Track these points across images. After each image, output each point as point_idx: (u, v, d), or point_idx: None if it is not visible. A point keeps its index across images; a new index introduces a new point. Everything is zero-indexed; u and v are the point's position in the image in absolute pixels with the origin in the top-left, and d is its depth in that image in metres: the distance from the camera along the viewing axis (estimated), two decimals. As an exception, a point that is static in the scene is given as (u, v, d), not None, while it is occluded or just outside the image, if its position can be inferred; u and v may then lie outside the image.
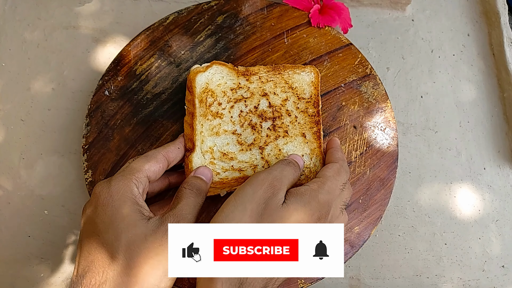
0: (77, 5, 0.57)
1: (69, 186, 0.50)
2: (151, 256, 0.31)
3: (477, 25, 0.59)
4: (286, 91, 0.46)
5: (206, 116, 0.45)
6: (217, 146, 0.44)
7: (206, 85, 0.45)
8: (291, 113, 0.46)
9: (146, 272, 0.31)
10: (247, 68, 0.47)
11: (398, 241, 0.50)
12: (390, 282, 0.49)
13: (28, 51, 0.55)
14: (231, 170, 0.44)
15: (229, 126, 0.45)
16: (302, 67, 0.47)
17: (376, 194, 0.46)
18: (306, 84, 0.47)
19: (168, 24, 0.51)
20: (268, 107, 0.46)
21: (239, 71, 0.47)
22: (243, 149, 0.44)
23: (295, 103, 0.46)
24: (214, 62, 0.46)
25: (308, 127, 0.45)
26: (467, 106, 0.56)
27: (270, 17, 0.52)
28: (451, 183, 0.52)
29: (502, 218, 0.51)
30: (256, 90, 0.46)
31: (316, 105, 0.46)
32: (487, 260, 0.50)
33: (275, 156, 0.44)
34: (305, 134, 0.45)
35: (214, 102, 0.45)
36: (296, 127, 0.45)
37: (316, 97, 0.46)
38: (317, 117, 0.46)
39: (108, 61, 0.51)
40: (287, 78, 0.47)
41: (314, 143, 0.45)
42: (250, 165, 0.44)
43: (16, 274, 0.47)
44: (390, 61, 0.57)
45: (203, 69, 0.45)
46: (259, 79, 0.46)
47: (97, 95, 0.48)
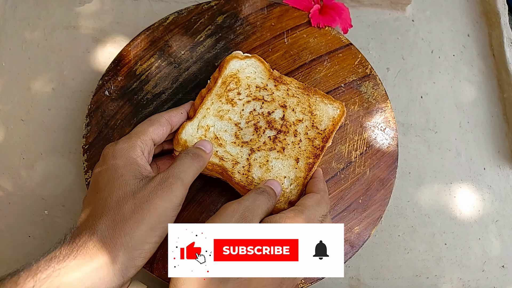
0: (77, 5, 0.57)
1: (69, 186, 0.50)
2: (137, 211, 0.33)
3: (477, 25, 0.59)
4: (305, 113, 0.45)
5: (221, 98, 0.45)
6: (215, 128, 0.44)
7: (236, 71, 0.46)
8: (298, 135, 0.45)
9: (131, 227, 0.32)
10: (281, 75, 0.47)
11: (398, 242, 0.50)
12: (390, 282, 0.49)
13: (28, 51, 0.55)
14: (214, 155, 0.43)
15: (236, 116, 0.45)
16: (332, 100, 0.46)
17: (376, 194, 0.46)
18: (327, 117, 0.46)
19: (168, 24, 0.51)
20: (280, 119, 0.45)
21: (272, 74, 0.47)
22: (236, 143, 0.44)
23: (307, 128, 0.45)
24: (255, 56, 0.47)
25: (305, 156, 0.44)
26: (467, 106, 0.56)
27: (270, 17, 0.52)
28: (451, 183, 0.52)
29: (502, 218, 0.51)
30: (278, 99, 0.46)
31: (325, 140, 0.45)
32: (486, 261, 0.50)
33: (259, 163, 0.43)
34: (299, 160, 0.44)
35: (234, 90, 0.45)
36: (295, 150, 0.44)
37: (329, 134, 0.45)
38: (320, 151, 0.44)
39: (108, 61, 0.51)
40: (312, 102, 0.46)
41: (302, 172, 0.43)
42: (233, 160, 0.43)
43: (16, 274, 0.47)
44: (390, 61, 0.57)
45: (242, 57, 0.46)
46: (286, 90, 0.46)
47: (97, 95, 0.48)
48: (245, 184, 0.42)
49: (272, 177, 0.43)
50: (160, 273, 0.42)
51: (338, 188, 0.46)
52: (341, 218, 0.45)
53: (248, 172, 0.43)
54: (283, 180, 0.43)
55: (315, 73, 0.50)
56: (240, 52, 0.47)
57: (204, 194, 0.45)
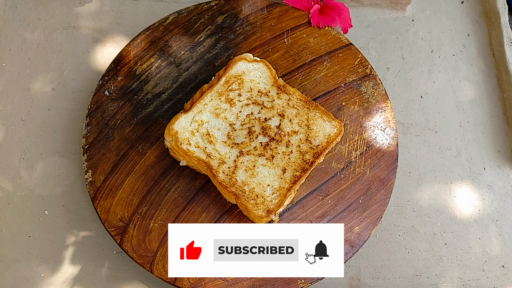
0: (77, 5, 0.57)
1: (69, 186, 0.50)
2: None
3: (477, 25, 0.59)
4: (301, 126, 0.45)
5: (221, 96, 0.45)
6: (208, 124, 0.44)
7: (242, 73, 0.46)
8: (290, 146, 0.44)
9: None
10: (285, 84, 0.47)
11: (398, 241, 0.50)
12: (390, 282, 0.49)
13: (28, 51, 0.55)
14: (202, 150, 0.43)
15: (232, 117, 0.45)
16: (331, 118, 0.46)
17: (376, 194, 0.46)
18: (323, 133, 0.45)
19: (168, 24, 0.51)
20: (276, 127, 0.45)
21: (277, 81, 0.46)
22: (227, 143, 0.44)
23: (300, 141, 0.44)
24: (263, 61, 0.47)
25: (293, 168, 0.43)
26: (467, 106, 0.56)
27: (270, 17, 0.52)
28: (451, 183, 0.52)
29: (502, 218, 0.51)
30: (277, 107, 0.45)
31: (316, 156, 0.44)
32: (487, 260, 0.50)
33: (245, 167, 0.43)
34: (286, 171, 0.43)
35: (236, 90, 0.46)
36: (284, 160, 0.43)
37: (322, 150, 0.44)
38: (309, 166, 0.43)
39: (108, 61, 0.51)
40: (311, 116, 0.45)
41: (286, 183, 0.43)
42: (220, 159, 0.43)
43: (16, 274, 0.47)
44: (390, 61, 0.57)
45: (250, 60, 0.46)
46: (288, 99, 0.46)
47: (97, 95, 0.48)
48: (227, 185, 0.42)
49: (255, 183, 0.43)
50: (160, 273, 0.42)
51: (338, 188, 0.46)
52: (341, 218, 0.45)
53: (233, 174, 0.43)
54: (266, 188, 0.43)
55: (315, 73, 0.50)
56: (249, 55, 0.47)
57: (204, 194, 0.45)
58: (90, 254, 0.47)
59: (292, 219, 0.44)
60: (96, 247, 0.47)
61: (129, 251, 0.43)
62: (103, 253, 0.47)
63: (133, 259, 0.43)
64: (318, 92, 0.50)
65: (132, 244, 0.43)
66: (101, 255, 0.47)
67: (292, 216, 0.45)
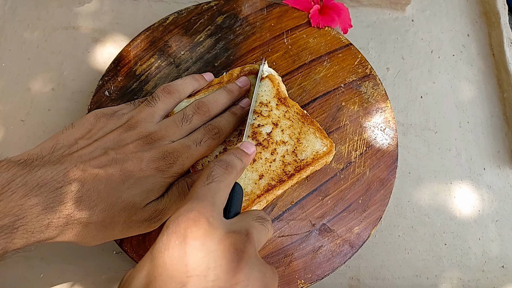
0: (77, 5, 0.57)
1: (69, 187, 0.50)
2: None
3: (477, 25, 0.59)
4: (292, 138, 0.44)
5: None
6: None
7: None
8: (274, 154, 0.43)
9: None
10: (286, 98, 0.46)
11: (397, 242, 0.50)
12: (390, 282, 0.49)
13: (28, 51, 0.55)
14: None
15: None
16: (324, 135, 0.44)
17: (376, 195, 0.46)
18: (311, 149, 0.44)
19: (168, 25, 0.51)
20: (266, 134, 0.44)
21: (279, 94, 0.46)
22: None
23: (286, 152, 0.43)
24: (270, 76, 0.47)
25: (270, 176, 0.42)
26: (467, 106, 0.56)
27: (270, 17, 0.52)
28: (451, 183, 0.52)
29: (501, 218, 0.51)
30: (274, 116, 0.45)
31: (297, 170, 0.42)
32: (487, 261, 0.50)
33: None
34: (263, 177, 0.42)
35: None
36: (264, 167, 0.43)
37: (305, 165, 0.43)
38: (287, 178, 0.42)
39: (108, 61, 0.51)
40: (304, 130, 0.44)
41: (259, 190, 0.42)
42: None
43: (16, 274, 0.47)
44: (390, 61, 0.57)
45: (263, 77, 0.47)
46: (285, 111, 0.45)
47: (97, 96, 0.48)
48: None
49: None
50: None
51: (338, 188, 0.46)
52: (341, 219, 0.45)
53: None
54: None
55: (315, 73, 0.50)
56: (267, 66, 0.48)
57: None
58: (90, 254, 0.47)
59: (291, 219, 0.45)
60: (96, 247, 0.47)
61: (129, 251, 0.43)
62: (103, 253, 0.47)
63: (133, 259, 0.43)
64: (318, 93, 0.50)
65: (132, 244, 0.43)
66: (101, 255, 0.47)
67: (292, 217, 0.45)
